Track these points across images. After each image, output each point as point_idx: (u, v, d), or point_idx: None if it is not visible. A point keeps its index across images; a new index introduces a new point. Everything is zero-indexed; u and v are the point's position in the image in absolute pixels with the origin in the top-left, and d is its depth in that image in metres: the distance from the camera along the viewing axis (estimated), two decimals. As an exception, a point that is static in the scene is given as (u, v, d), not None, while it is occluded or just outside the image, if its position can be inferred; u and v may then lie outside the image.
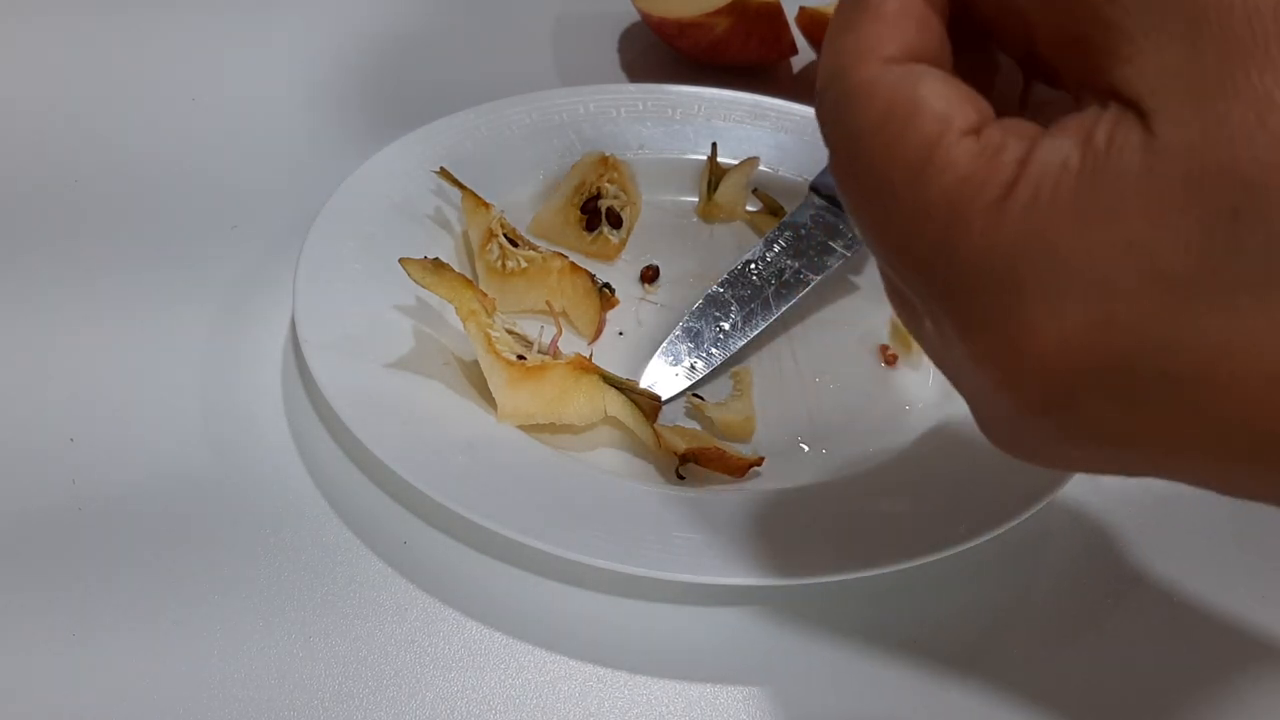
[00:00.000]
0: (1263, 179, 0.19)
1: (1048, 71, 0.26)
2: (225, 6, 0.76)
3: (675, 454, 0.49)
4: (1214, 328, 0.20)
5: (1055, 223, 0.21)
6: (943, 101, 0.23)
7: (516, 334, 0.50)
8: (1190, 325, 0.20)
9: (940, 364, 0.27)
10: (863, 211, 0.24)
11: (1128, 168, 0.21)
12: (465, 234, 0.58)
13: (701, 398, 0.53)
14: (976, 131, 0.23)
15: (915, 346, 0.56)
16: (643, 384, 0.53)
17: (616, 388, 0.50)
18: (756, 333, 0.56)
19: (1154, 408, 0.21)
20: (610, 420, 0.50)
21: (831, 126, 0.25)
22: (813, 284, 0.57)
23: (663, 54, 0.76)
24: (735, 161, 0.63)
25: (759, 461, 0.49)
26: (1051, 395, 0.22)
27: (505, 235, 0.56)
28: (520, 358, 0.49)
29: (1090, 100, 0.23)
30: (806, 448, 0.52)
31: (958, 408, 0.49)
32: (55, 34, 0.73)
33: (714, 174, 0.63)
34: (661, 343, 0.55)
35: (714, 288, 0.57)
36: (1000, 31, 0.26)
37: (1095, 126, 0.22)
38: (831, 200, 0.60)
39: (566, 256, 0.56)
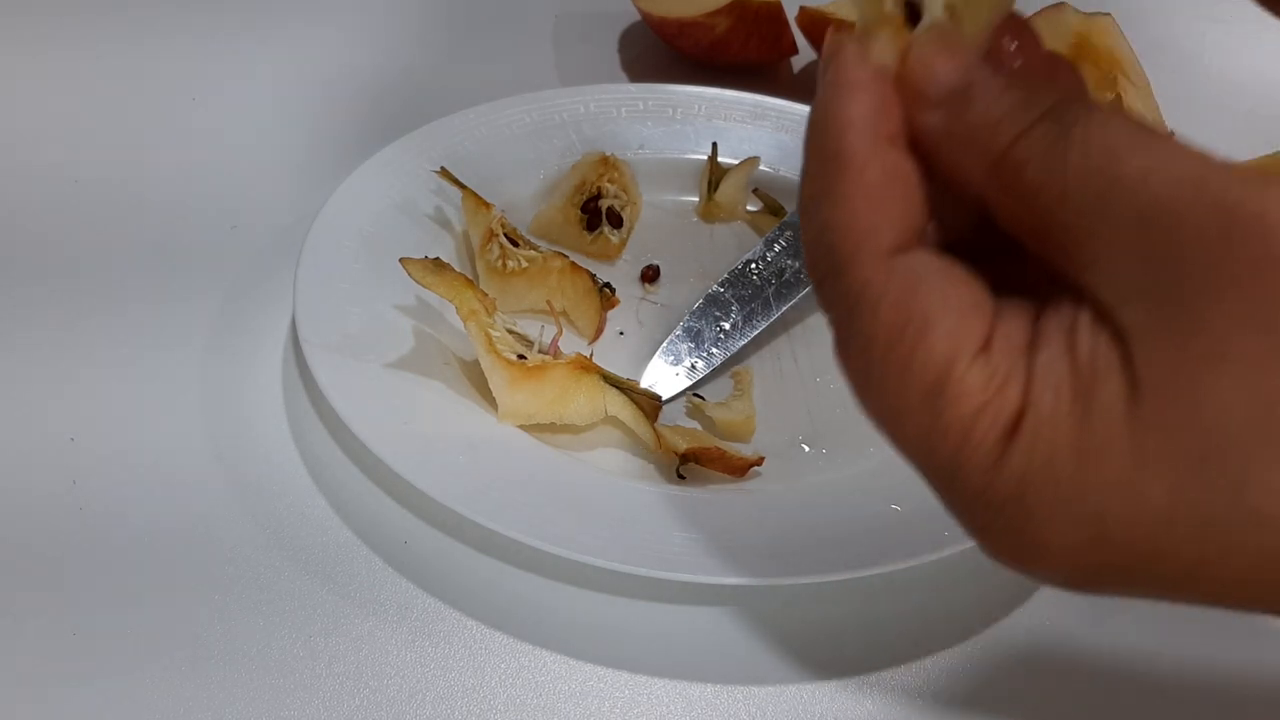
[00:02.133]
0: (1225, 425, 0.22)
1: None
2: (226, 6, 0.76)
3: (675, 454, 0.49)
4: (1191, 549, 0.23)
5: (1056, 457, 0.23)
6: (952, 318, 0.24)
7: (517, 334, 0.50)
8: (1172, 546, 0.23)
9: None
10: (875, 414, 0.26)
11: (1113, 408, 0.23)
12: (465, 234, 0.58)
13: (702, 397, 0.53)
14: (985, 347, 0.24)
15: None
16: (643, 384, 0.52)
17: (617, 388, 0.50)
18: (757, 332, 0.56)
19: (1156, 593, 0.24)
20: (610, 420, 0.50)
21: (839, 326, 0.26)
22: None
23: (663, 54, 0.75)
24: (735, 161, 0.63)
25: (759, 461, 0.49)
26: (1060, 585, 0.25)
27: (505, 235, 0.56)
28: (520, 358, 0.49)
29: (1065, 296, 0.25)
30: (807, 448, 0.52)
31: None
32: (55, 34, 0.73)
33: (714, 174, 0.63)
34: (662, 343, 0.55)
35: (714, 287, 0.57)
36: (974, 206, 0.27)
37: (1077, 335, 0.24)
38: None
39: (567, 256, 0.56)
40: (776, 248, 0.59)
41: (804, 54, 0.74)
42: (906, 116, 0.26)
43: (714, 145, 0.64)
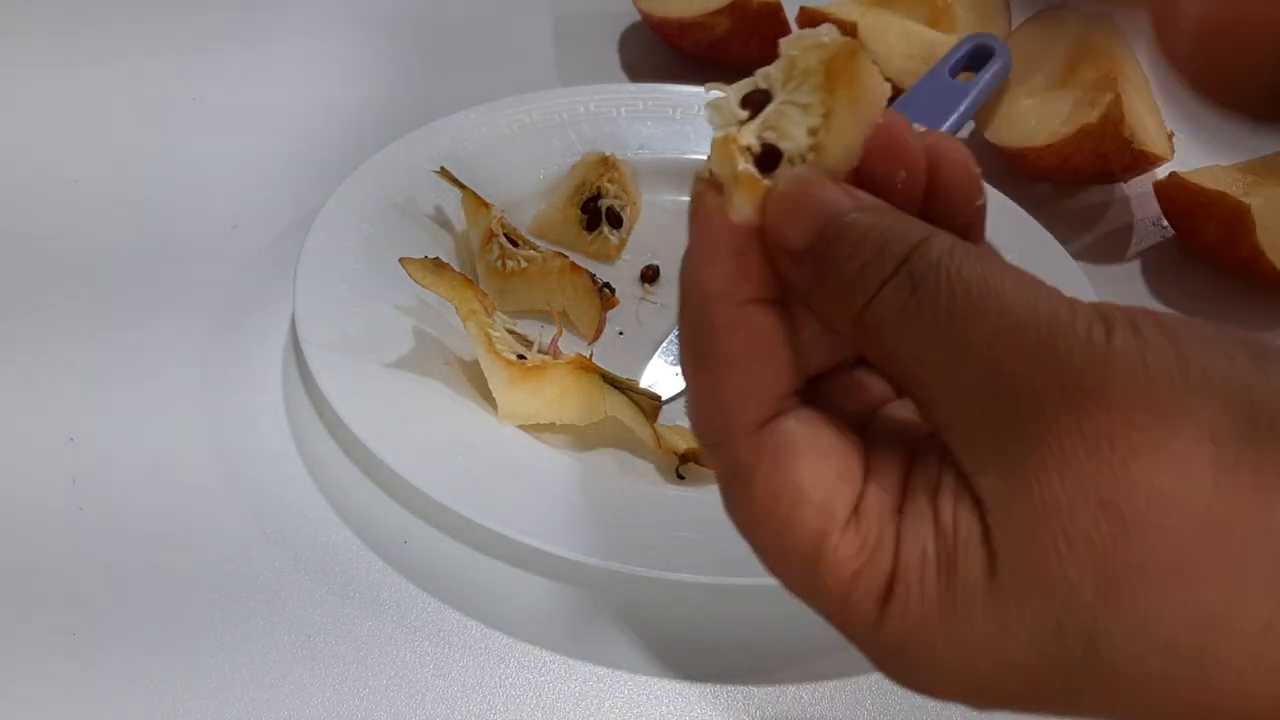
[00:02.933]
0: (1075, 597, 0.23)
1: None
2: (227, 6, 0.76)
3: (675, 454, 0.49)
4: (1059, 695, 0.24)
5: (927, 617, 0.24)
6: (820, 490, 0.25)
7: (516, 334, 0.50)
8: (1044, 694, 0.24)
9: None
10: (762, 566, 0.27)
11: (974, 576, 0.24)
12: (465, 234, 0.58)
13: (701, 398, 0.53)
14: (855, 513, 0.25)
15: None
16: (643, 384, 0.52)
17: (617, 388, 0.50)
18: (756, 333, 0.55)
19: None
20: (610, 420, 0.50)
21: (723, 494, 0.27)
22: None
23: (663, 54, 0.75)
24: (735, 161, 0.63)
25: (759, 461, 0.49)
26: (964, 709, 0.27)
27: (505, 235, 0.56)
28: (520, 358, 0.49)
29: (932, 449, 0.26)
30: (806, 448, 0.52)
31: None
32: (55, 34, 0.73)
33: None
34: (661, 342, 0.55)
35: (714, 288, 0.57)
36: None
37: (940, 503, 0.25)
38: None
39: (566, 256, 0.56)
40: (776, 248, 0.58)
41: (804, 54, 0.74)
42: (773, 267, 0.26)
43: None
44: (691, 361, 0.26)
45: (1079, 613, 0.23)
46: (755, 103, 0.26)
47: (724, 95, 0.26)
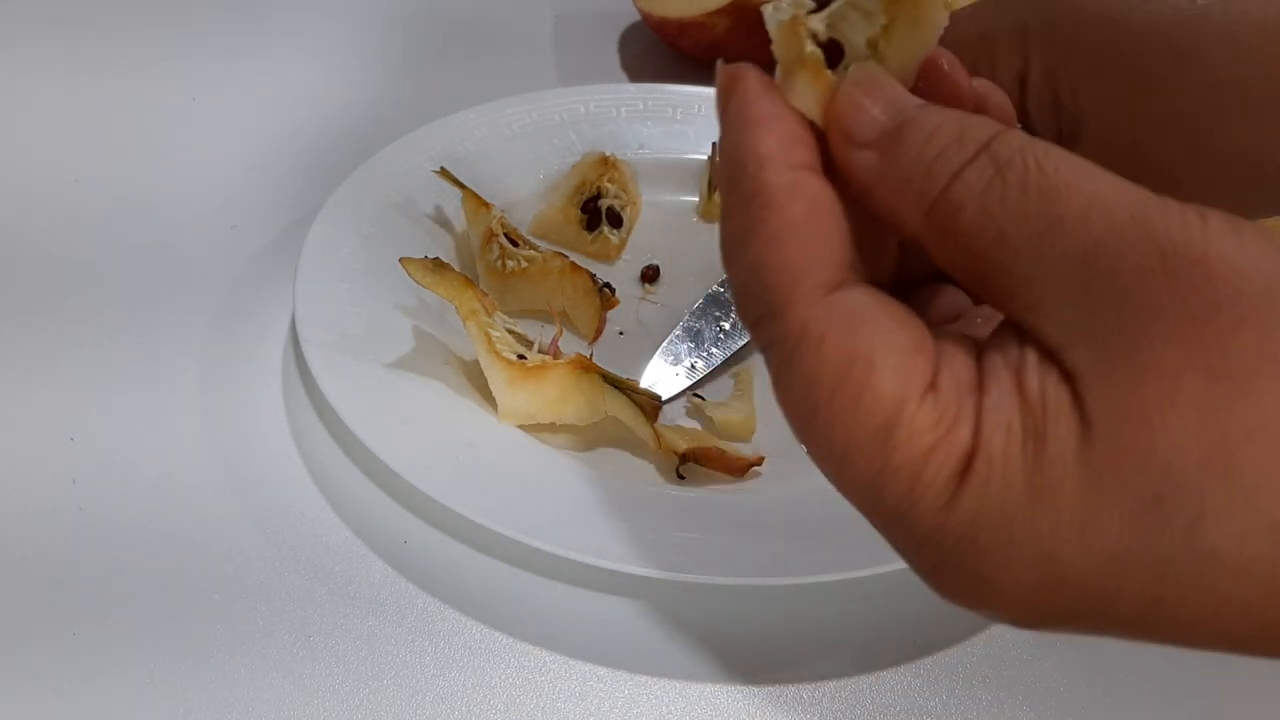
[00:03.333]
0: (1178, 465, 0.22)
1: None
2: (227, 6, 0.76)
3: (675, 454, 0.49)
4: (1146, 589, 0.23)
5: (1009, 497, 0.23)
6: (898, 357, 0.24)
7: (516, 334, 0.50)
8: (1126, 587, 0.23)
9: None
10: (819, 456, 0.25)
11: (1065, 447, 0.23)
12: (465, 234, 0.58)
13: (702, 397, 0.53)
14: (933, 386, 0.24)
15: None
16: (643, 384, 0.52)
17: (617, 387, 0.50)
18: (757, 332, 0.55)
19: (1110, 633, 0.24)
20: (610, 420, 0.50)
21: (778, 367, 0.25)
22: (813, 284, 0.57)
23: (663, 54, 0.75)
24: (735, 161, 0.63)
25: (759, 461, 0.49)
26: (1012, 624, 0.25)
27: (505, 235, 0.56)
28: (520, 358, 0.49)
29: (1007, 333, 0.24)
30: (807, 448, 0.52)
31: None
32: (55, 34, 0.73)
33: (714, 174, 0.63)
34: (662, 342, 0.55)
35: (714, 287, 0.57)
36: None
37: (1025, 375, 0.24)
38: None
39: (567, 256, 0.56)
40: (776, 248, 0.58)
41: (804, 54, 0.74)
42: (832, 154, 0.25)
43: (714, 145, 0.64)
44: (743, 234, 0.25)
45: (1182, 483, 0.22)
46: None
47: None
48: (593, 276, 0.56)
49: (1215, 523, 0.22)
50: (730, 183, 0.25)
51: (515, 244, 0.56)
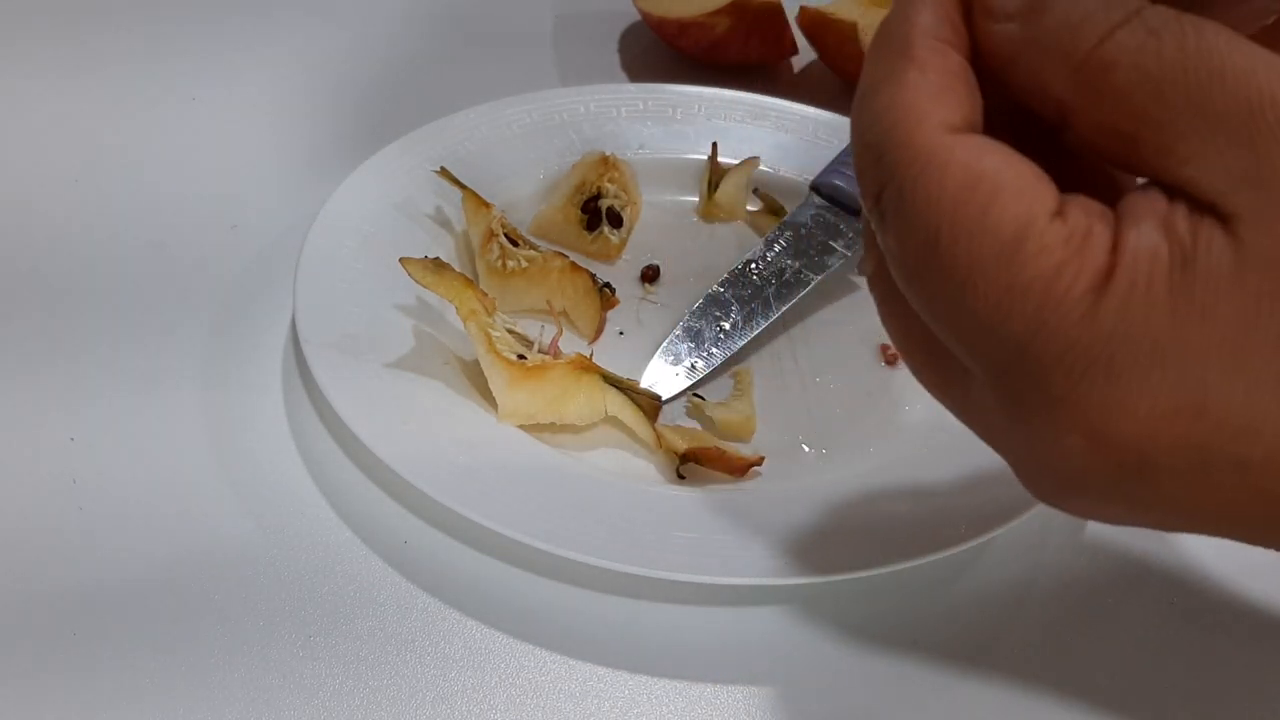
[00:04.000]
0: None
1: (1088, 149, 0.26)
2: (227, 6, 0.76)
3: (675, 454, 0.49)
4: None
5: (1153, 315, 0.22)
6: (1025, 179, 0.24)
7: (517, 334, 0.50)
8: (1269, 417, 0.22)
9: (978, 426, 0.27)
10: (936, 285, 0.24)
11: (1218, 269, 0.22)
12: (465, 234, 0.58)
13: (702, 397, 0.53)
14: (1059, 213, 0.23)
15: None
16: (643, 384, 0.52)
17: (617, 387, 0.50)
18: (757, 332, 0.56)
19: (1217, 486, 0.23)
20: (610, 420, 0.50)
21: (896, 202, 0.25)
22: (813, 284, 0.57)
23: (663, 54, 0.75)
24: (735, 161, 0.63)
25: (759, 461, 0.49)
26: (1126, 466, 0.24)
27: (505, 235, 0.56)
28: (520, 358, 0.49)
29: (1154, 191, 0.24)
30: (807, 448, 0.52)
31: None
32: (54, 34, 0.73)
33: (714, 174, 0.63)
34: (662, 342, 0.55)
35: (714, 287, 0.57)
36: (1035, 111, 0.26)
37: (1173, 217, 0.23)
38: (831, 200, 0.60)
39: (567, 256, 0.56)
40: (776, 248, 0.59)
41: (804, 54, 0.74)
42: (975, 31, 0.26)
43: (714, 145, 0.64)
44: (881, 80, 0.25)
45: None
46: None
47: None
48: (593, 276, 0.56)
49: None
50: (880, 42, 0.26)
51: (515, 244, 0.56)
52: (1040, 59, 0.25)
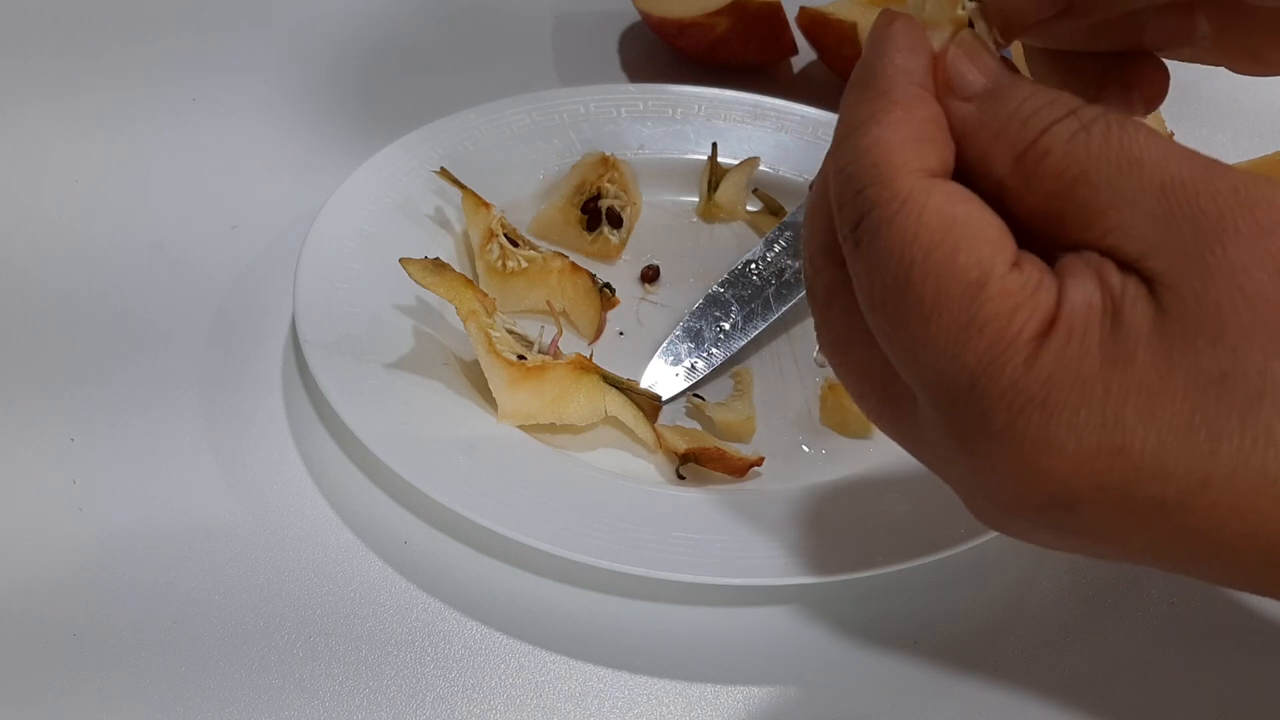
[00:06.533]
0: (1244, 347, 0.24)
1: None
2: (227, 6, 0.76)
3: (675, 454, 0.49)
4: (1197, 465, 0.25)
5: (1085, 360, 0.25)
6: (992, 229, 0.27)
7: (517, 334, 0.50)
8: (1180, 460, 0.25)
9: (925, 456, 0.30)
10: (905, 313, 0.27)
11: (1140, 321, 0.25)
12: (465, 234, 0.58)
13: (702, 398, 0.53)
14: (1017, 265, 0.26)
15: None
16: (643, 384, 0.53)
17: (617, 388, 0.50)
18: (757, 332, 0.56)
19: (1142, 522, 0.26)
20: (610, 420, 0.50)
21: (873, 233, 0.27)
22: (813, 284, 0.57)
23: (663, 54, 0.75)
24: (735, 161, 0.63)
25: (759, 461, 0.49)
26: (1055, 498, 0.26)
27: (505, 235, 0.56)
28: (520, 358, 0.49)
29: (1087, 253, 0.27)
30: (807, 448, 0.52)
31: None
32: (54, 34, 0.73)
33: (714, 174, 0.63)
34: (662, 343, 0.55)
35: (714, 288, 0.57)
36: (974, 185, 0.29)
37: (1106, 271, 0.26)
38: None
39: (567, 256, 0.56)
40: (776, 248, 0.59)
41: (804, 54, 0.74)
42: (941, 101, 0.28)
43: (714, 145, 0.64)
44: (866, 118, 0.28)
45: (1246, 363, 0.24)
46: None
47: None
48: (593, 276, 0.56)
49: (1274, 401, 0.24)
50: (863, 81, 0.29)
51: (515, 244, 0.56)
52: (989, 142, 0.28)
